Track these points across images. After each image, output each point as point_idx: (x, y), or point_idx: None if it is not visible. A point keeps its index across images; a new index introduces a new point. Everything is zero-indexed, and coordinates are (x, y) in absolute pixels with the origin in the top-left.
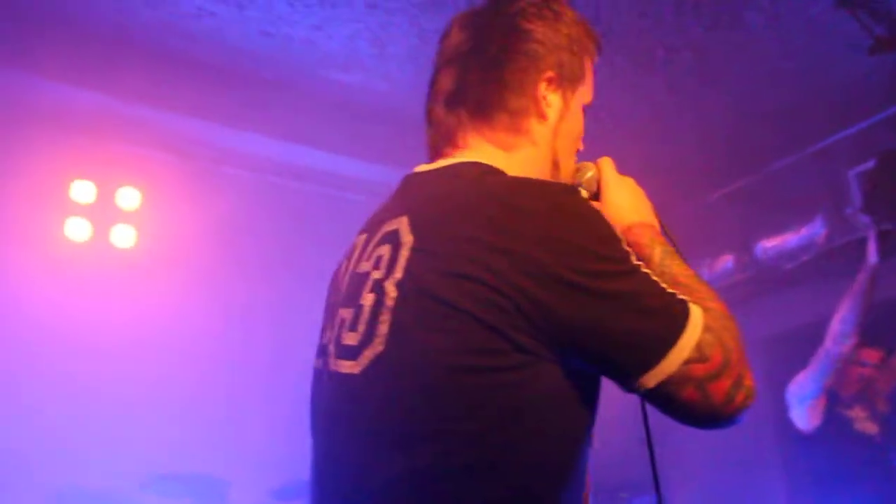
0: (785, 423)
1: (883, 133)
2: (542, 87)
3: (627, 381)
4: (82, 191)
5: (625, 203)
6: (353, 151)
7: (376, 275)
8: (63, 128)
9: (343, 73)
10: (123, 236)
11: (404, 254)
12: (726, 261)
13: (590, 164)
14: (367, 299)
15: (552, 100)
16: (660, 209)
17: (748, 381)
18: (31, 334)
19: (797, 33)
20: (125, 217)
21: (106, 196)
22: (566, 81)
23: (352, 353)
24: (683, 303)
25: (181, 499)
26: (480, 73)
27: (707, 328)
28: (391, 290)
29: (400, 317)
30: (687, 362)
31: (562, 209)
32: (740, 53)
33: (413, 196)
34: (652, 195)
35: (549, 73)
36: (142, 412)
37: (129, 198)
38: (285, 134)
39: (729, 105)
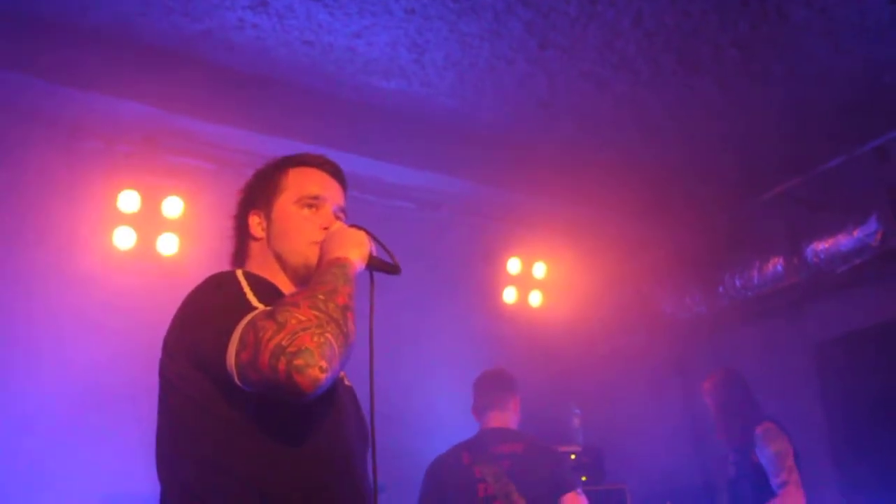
0: (836, 430)
1: None
2: (251, 220)
3: (226, 376)
4: (129, 201)
5: (325, 249)
6: (393, 157)
7: None
8: (111, 139)
9: (383, 80)
10: (167, 244)
11: None
12: (776, 264)
13: None
14: None
15: (258, 223)
16: (709, 211)
17: (292, 349)
18: (79, 336)
19: (847, 30)
20: (169, 225)
21: (151, 205)
22: (262, 207)
23: None
24: (251, 311)
25: None
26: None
27: (250, 322)
28: None
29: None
30: (237, 353)
31: (206, 282)
32: (789, 51)
33: None
34: (701, 195)
35: (252, 210)
36: None
37: (173, 207)
38: (327, 141)
39: (779, 104)
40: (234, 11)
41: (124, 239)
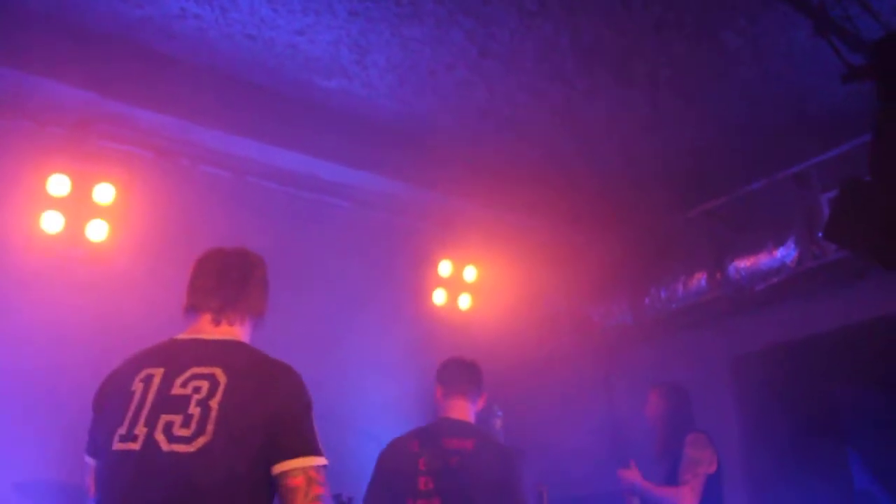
0: (750, 440)
1: (858, 159)
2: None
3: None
4: (59, 184)
5: None
6: (332, 156)
7: (198, 397)
8: (44, 122)
9: (324, 79)
10: (97, 230)
11: (221, 388)
12: (700, 278)
13: None
14: (195, 411)
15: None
16: (637, 224)
17: None
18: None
19: (775, 58)
20: (100, 212)
21: (82, 191)
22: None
23: (186, 440)
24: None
25: None
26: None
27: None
28: (214, 406)
29: (220, 422)
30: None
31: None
32: (719, 75)
33: (212, 355)
34: (630, 208)
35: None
36: None
37: (104, 193)
38: (264, 136)
39: (708, 124)
40: (176, 0)
41: (52, 223)
